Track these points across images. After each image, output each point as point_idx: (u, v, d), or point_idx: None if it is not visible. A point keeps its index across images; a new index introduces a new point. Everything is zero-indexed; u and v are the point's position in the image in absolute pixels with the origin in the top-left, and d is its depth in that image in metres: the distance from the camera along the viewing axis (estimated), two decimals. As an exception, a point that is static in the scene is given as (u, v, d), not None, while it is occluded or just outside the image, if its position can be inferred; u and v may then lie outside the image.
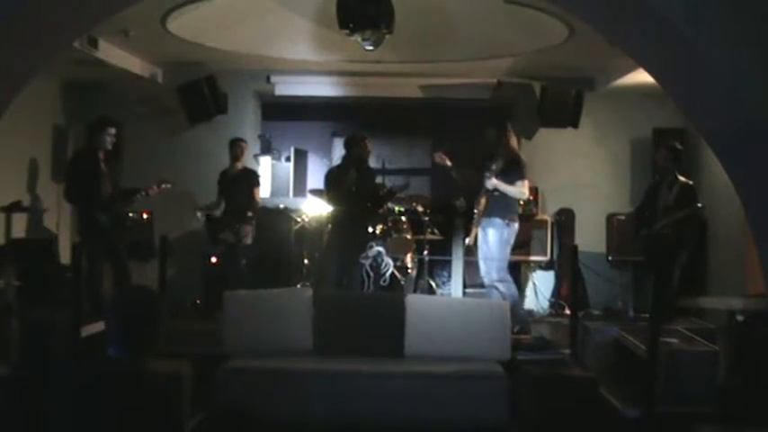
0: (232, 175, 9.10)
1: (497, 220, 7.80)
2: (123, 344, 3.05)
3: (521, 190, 7.88)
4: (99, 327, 6.67)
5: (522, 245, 8.95)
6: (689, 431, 5.33)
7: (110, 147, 8.16)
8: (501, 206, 7.81)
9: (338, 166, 8.78)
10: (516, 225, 7.92)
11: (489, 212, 7.83)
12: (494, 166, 7.76)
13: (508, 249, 7.90)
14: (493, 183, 7.75)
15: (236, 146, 9.16)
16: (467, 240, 8.40)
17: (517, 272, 9.28)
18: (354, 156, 8.54)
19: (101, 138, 8.08)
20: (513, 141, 7.99)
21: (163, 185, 8.41)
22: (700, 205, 7.71)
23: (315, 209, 9.41)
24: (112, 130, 8.16)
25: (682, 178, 7.81)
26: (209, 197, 9.23)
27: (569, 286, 8.88)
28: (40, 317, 6.74)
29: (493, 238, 7.82)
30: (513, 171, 7.82)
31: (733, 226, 8.28)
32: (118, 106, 9.84)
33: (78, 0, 4.73)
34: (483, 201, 7.86)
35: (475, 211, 8.00)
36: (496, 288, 7.83)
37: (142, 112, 10.08)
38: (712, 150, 4.78)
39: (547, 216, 9.85)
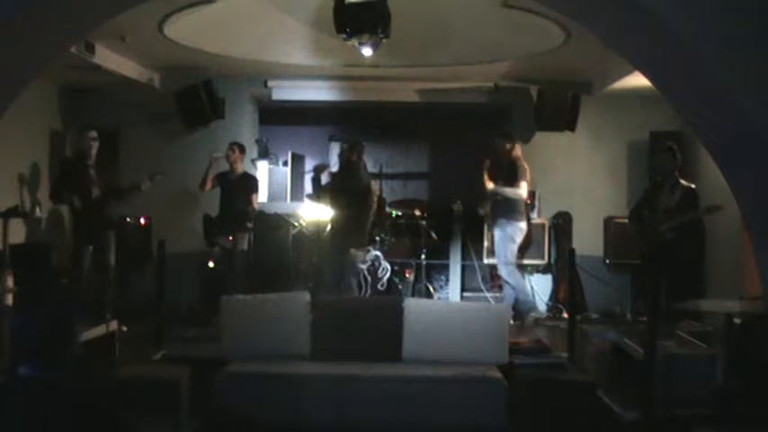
0: (231, 180, 9.09)
1: (502, 220, 8.76)
2: (34, 361, 2.91)
3: (516, 191, 8.72)
4: (98, 331, 6.68)
5: (519, 248, 8.99)
6: (687, 434, 5.34)
7: (93, 151, 8.23)
8: (504, 208, 8.74)
9: (333, 171, 9.16)
10: (521, 224, 8.82)
11: (494, 214, 8.83)
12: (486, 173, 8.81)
13: (513, 246, 8.78)
14: (490, 186, 8.71)
15: (227, 150, 9.14)
16: (485, 244, 9.39)
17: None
18: (341, 161, 8.96)
19: (82, 144, 8.21)
20: (518, 150, 8.93)
21: (156, 176, 8.44)
22: (708, 205, 7.72)
23: (312, 213, 9.41)
24: (92, 134, 8.28)
25: (684, 182, 7.80)
26: (207, 202, 9.21)
27: (567, 290, 8.88)
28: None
29: (497, 237, 8.80)
30: (511, 174, 8.72)
31: (730, 229, 8.28)
32: (115, 111, 9.86)
33: (75, 5, 4.73)
34: (488, 204, 8.90)
35: (481, 212, 9.14)
36: (508, 283, 8.85)
37: (139, 117, 10.08)
38: (709, 153, 4.79)
39: (544, 219, 9.84)
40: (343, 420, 5.98)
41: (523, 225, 8.83)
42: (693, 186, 7.84)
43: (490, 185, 8.66)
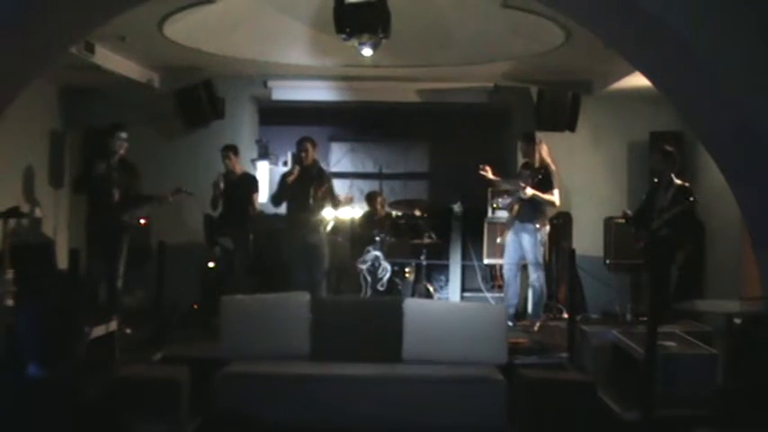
0: (232, 180, 9.08)
1: (529, 225, 8.60)
2: (43, 359, 2.82)
3: (552, 199, 8.62)
4: (98, 332, 6.68)
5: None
6: (687, 434, 5.34)
7: (122, 151, 8.21)
8: (532, 211, 8.59)
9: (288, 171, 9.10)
10: (547, 228, 8.75)
11: (522, 217, 8.63)
12: (529, 177, 8.59)
13: (542, 250, 8.69)
14: (529, 192, 8.48)
15: (222, 154, 9.09)
16: (498, 240, 9.24)
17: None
18: (296, 158, 8.86)
19: (111, 143, 8.14)
20: (545, 151, 8.76)
21: (182, 194, 8.49)
22: (692, 199, 7.75)
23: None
24: (123, 135, 8.23)
25: (677, 180, 7.84)
26: (207, 202, 9.20)
27: (567, 290, 8.89)
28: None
29: (528, 243, 8.60)
30: (546, 181, 8.59)
31: (730, 229, 8.29)
32: (115, 111, 9.83)
33: (75, 5, 4.73)
34: (516, 207, 8.66)
35: (507, 214, 8.85)
36: (533, 285, 8.68)
37: (139, 117, 10.05)
38: (709, 153, 4.80)
39: (544, 220, 9.83)
40: (344, 420, 5.99)
41: (548, 228, 8.79)
42: (687, 184, 7.87)
43: (530, 192, 8.47)
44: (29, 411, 2.74)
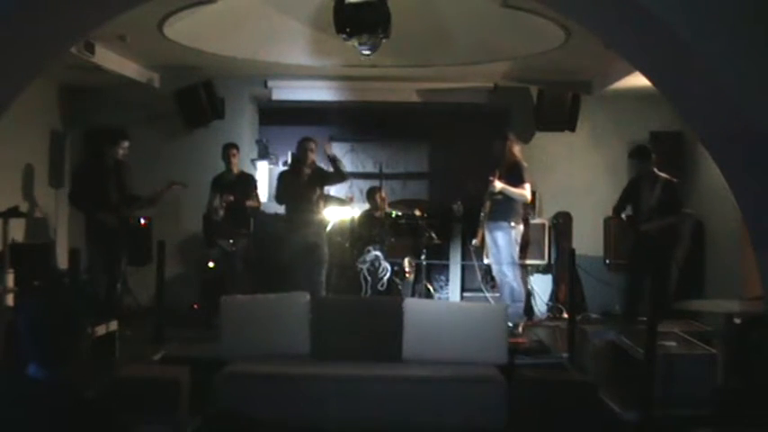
0: (229, 180, 9.08)
1: (503, 223, 8.39)
2: (44, 359, 2.79)
3: (523, 192, 8.35)
4: (98, 332, 6.67)
5: (519, 248, 8.97)
6: (687, 434, 5.34)
7: (121, 158, 8.24)
8: (505, 209, 8.37)
9: (287, 169, 9.21)
10: (521, 227, 8.53)
11: (494, 216, 8.42)
12: (498, 171, 8.35)
13: (517, 248, 8.49)
14: (498, 186, 8.27)
15: (225, 152, 9.12)
16: (473, 242, 8.92)
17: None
18: (295, 158, 8.93)
19: (113, 150, 8.17)
20: (516, 149, 8.55)
21: (174, 186, 8.47)
22: (688, 211, 7.72)
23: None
24: (126, 144, 8.26)
25: (663, 175, 7.80)
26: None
27: (567, 290, 8.89)
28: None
29: (502, 240, 8.40)
30: (515, 175, 8.36)
31: (730, 229, 8.29)
32: (115, 111, 9.85)
33: (75, 5, 4.73)
34: (488, 205, 8.43)
35: (482, 214, 8.56)
36: (511, 285, 8.43)
37: (139, 117, 10.07)
38: (709, 153, 4.79)
39: (544, 220, 9.84)
40: (344, 420, 5.99)
41: (521, 227, 8.60)
42: (674, 180, 7.84)
43: (499, 185, 8.28)
44: (29, 411, 2.74)
